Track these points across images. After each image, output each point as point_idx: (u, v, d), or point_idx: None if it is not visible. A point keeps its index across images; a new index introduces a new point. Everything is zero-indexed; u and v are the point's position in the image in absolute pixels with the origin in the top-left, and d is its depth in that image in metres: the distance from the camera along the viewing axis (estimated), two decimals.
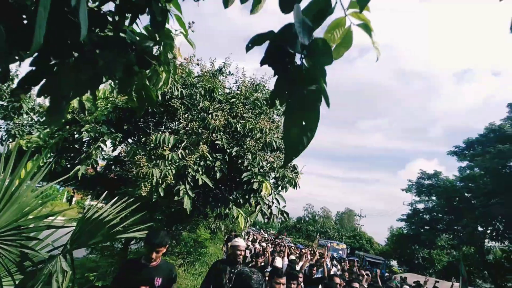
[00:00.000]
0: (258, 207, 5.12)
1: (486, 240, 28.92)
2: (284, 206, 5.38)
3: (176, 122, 5.97)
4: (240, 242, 4.83)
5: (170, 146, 5.09)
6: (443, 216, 31.43)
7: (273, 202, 5.27)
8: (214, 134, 5.40)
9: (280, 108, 6.61)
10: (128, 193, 4.91)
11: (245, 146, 5.35)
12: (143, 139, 5.59)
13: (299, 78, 0.80)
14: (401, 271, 31.72)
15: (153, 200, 4.79)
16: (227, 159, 5.32)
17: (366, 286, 7.20)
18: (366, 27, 1.06)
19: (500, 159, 23.36)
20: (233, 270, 4.51)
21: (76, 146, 5.17)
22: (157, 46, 1.50)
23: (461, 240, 30.25)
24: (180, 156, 5.03)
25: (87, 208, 4.40)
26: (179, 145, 5.23)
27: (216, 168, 5.17)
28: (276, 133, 5.98)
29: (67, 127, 4.99)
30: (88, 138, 5.12)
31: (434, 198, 32.52)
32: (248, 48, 0.86)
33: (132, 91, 1.37)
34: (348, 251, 38.10)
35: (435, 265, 35.27)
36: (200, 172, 5.06)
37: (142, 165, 4.73)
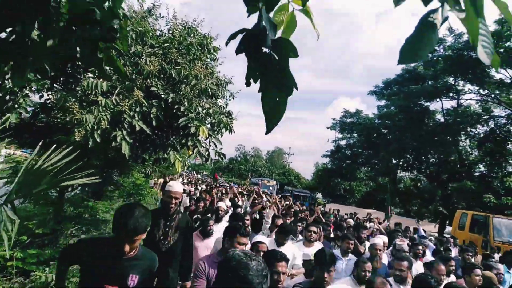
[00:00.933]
0: (195, 149, 5.39)
1: (398, 171, 32.61)
2: (221, 148, 5.72)
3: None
4: (174, 186, 3.86)
5: (102, 92, 5.03)
6: (363, 151, 34.53)
7: (210, 145, 5.57)
8: (148, 80, 5.41)
9: (214, 53, 6.69)
10: (61, 140, 4.87)
11: (181, 93, 5.46)
12: (73, 86, 5.43)
13: (268, 65, 1.05)
14: (325, 202, 34.84)
15: (90, 146, 4.81)
16: (163, 106, 5.42)
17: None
18: (306, 12, 1.30)
19: (412, 98, 25.70)
20: (168, 223, 3.78)
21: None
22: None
23: (378, 172, 33.74)
24: (114, 102, 5.01)
25: (23, 159, 4.35)
26: (113, 91, 5.18)
27: (152, 115, 5.26)
28: (210, 79, 6.12)
29: None
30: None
31: (355, 135, 35.34)
32: (227, 43, 1.08)
33: (100, 66, 1.47)
34: (278, 187, 40.62)
35: (354, 195, 39.11)
36: (137, 118, 5.13)
37: (75, 111, 4.67)
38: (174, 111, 5.43)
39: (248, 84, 1.13)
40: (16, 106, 4.71)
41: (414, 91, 25.43)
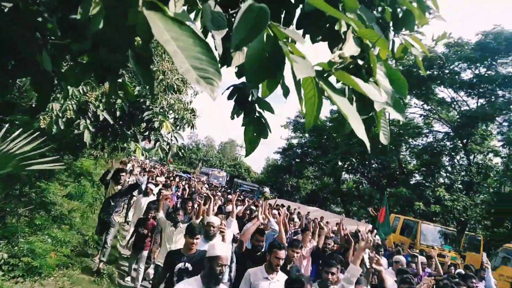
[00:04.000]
0: (157, 143, 5.63)
1: (343, 173, 34.30)
2: (182, 143, 6.00)
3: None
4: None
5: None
6: (312, 151, 35.86)
7: (171, 140, 5.82)
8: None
9: None
10: (23, 121, 4.93)
11: (147, 87, 5.66)
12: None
13: (251, 113, 1.42)
14: (272, 196, 35.78)
15: (53, 132, 4.92)
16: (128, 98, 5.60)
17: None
18: None
19: None
20: None
21: None
22: None
23: (324, 172, 35.22)
24: (81, 91, 5.13)
25: None
26: None
27: (117, 106, 5.43)
28: (176, 75, 6.34)
29: None
30: None
31: (307, 135, 36.53)
32: (222, 93, 1.44)
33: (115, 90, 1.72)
34: (228, 179, 41.07)
35: (300, 192, 40.51)
36: (101, 108, 5.28)
37: None
38: (139, 104, 5.63)
39: (232, 118, 1.50)
40: None
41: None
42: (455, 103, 25.98)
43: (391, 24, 1.50)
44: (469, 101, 24.96)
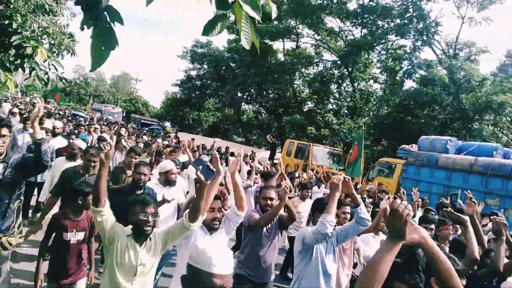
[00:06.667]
0: (33, 72, 5.05)
1: (243, 104, 35.14)
2: (63, 72, 5.47)
3: None
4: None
5: None
6: (212, 83, 35.67)
7: (49, 69, 5.26)
8: None
9: None
10: None
11: (11, 6, 4.89)
12: None
13: (100, 22, 1.34)
14: (173, 130, 35.36)
15: None
16: None
17: None
18: None
19: (258, 36, 27.29)
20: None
21: None
22: None
23: (224, 103, 35.63)
24: None
25: None
26: None
27: None
28: None
29: None
30: None
31: (205, 66, 35.91)
32: (75, 1, 1.32)
33: None
34: (124, 115, 39.12)
35: (202, 125, 40.74)
36: None
37: None
38: (4, 26, 4.88)
39: (82, 29, 1.42)
40: None
41: (261, 29, 27.00)
42: (342, 32, 27.69)
43: None
44: (354, 31, 26.88)
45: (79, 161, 4.89)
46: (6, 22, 4.84)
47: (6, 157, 3.06)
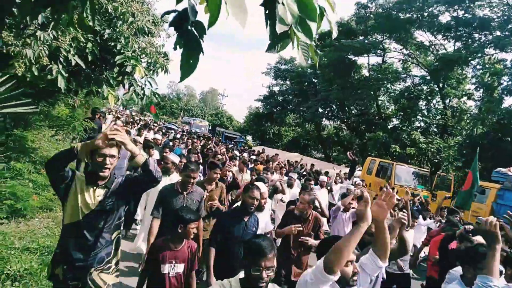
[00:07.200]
0: (131, 88, 5.68)
1: (323, 119, 34.86)
2: (156, 88, 6.06)
3: None
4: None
5: (38, 24, 5.03)
6: (293, 98, 36.03)
7: (145, 85, 5.87)
8: (84, 14, 5.43)
9: None
10: None
11: (117, 30, 5.59)
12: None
13: (189, 37, 1.54)
14: (254, 144, 36.35)
15: (28, 79, 4.92)
16: (99, 41, 5.55)
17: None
18: None
19: (341, 52, 27.00)
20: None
21: None
22: None
23: (305, 119, 35.69)
24: (52, 36, 5.06)
25: None
26: (48, 23, 5.18)
27: (87, 50, 5.39)
28: (147, 16, 6.24)
29: None
30: None
31: (288, 82, 36.48)
32: (162, 17, 1.55)
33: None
34: (210, 128, 41.28)
35: (282, 140, 41.23)
36: (72, 53, 5.24)
37: (10, 43, 4.69)
38: (111, 47, 5.59)
39: (175, 48, 1.62)
40: None
41: (345, 45, 26.68)
42: (433, 46, 26.13)
43: None
44: (446, 45, 25.18)
45: (173, 176, 5.12)
46: (112, 44, 5.54)
47: (108, 181, 2.63)
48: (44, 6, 1.62)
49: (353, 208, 5.85)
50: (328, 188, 9.35)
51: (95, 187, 2.57)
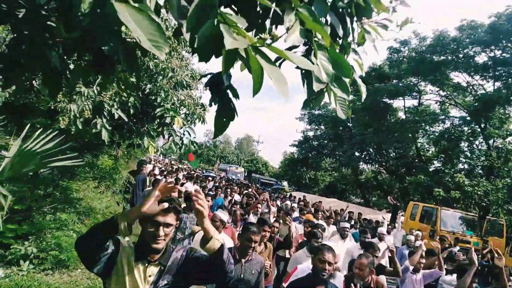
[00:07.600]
0: (170, 138, 5.88)
1: (360, 163, 34.15)
2: (194, 137, 6.23)
3: None
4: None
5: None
6: (328, 143, 35.81)
7: (184, 134, 6.06)
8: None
9: (187, 46, 7.13)
10: (44, 124, 5.24)
11: (157, 84, 5.90)
12: None
13: (223, 99, 1.60)
14: (290, 190, 35.92)
15: (72, 132, 5.22)
16: (141, 95, 5.86)
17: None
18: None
19: (375, 96, 26.93)
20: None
21: None
22: None
23: (341, 163, 35.15)
24: (96, 92, 5.40)
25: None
26: (93, 81, 5.56)
27: (130, 104, 5.69)
28: (185, 71, 6.57)
29: None
30: None
31: (322, 127, 36.50)
32: (199, 79, 1.63)
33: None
34: (245, 174, 41.49)
35: (319, 185, 40.57)
36: (115, 107, 5.54)
37: (59, 100, 5.04)
38: (151, 101, 5.88)
39: (210, 105, 1.67)
40: None
41: (379, 89, 26.62)
42: (470, 87, 25.50)
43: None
44: (485, 85, 24.48)
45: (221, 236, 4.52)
46: (153, 97, 5.83)
47: (163, 256, 1.99)
48: (94, 71, 1.73)
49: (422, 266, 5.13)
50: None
51: (146, 264, 1.92)
